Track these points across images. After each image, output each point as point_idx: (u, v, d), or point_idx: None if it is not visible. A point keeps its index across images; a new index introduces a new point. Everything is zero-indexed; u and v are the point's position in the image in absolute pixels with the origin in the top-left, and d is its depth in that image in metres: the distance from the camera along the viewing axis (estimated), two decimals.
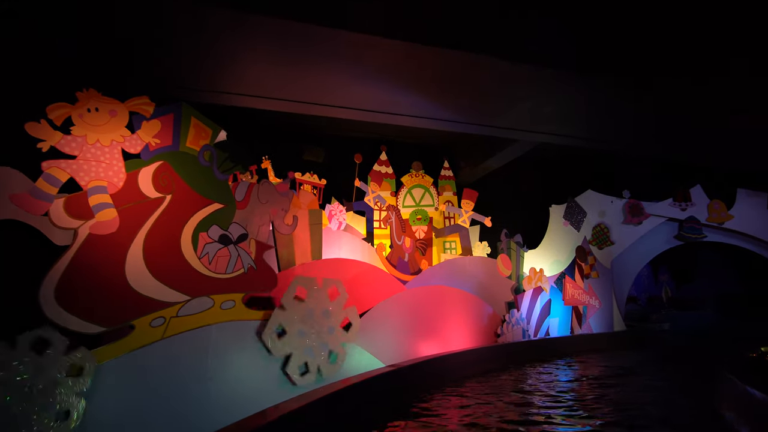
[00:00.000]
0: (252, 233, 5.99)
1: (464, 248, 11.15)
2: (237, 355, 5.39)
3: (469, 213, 11.62)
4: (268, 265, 6.00)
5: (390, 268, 8.83)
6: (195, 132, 5.80)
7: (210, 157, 5.84)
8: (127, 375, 4.66)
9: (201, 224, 5.54)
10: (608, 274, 13.12)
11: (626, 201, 13.58)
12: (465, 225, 11.44)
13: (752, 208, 13.90)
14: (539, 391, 6.89)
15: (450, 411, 5.80)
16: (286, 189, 6.57)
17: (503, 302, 10.76)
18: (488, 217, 11.57)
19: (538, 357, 9.96)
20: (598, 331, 12.21)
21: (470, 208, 11.64)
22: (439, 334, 8.61)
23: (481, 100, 8.30)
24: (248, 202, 6.11)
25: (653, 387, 7.17)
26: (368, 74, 7.44)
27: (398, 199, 12.74)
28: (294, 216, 6.69)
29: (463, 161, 13.15)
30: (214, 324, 5.30)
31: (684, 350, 12.11)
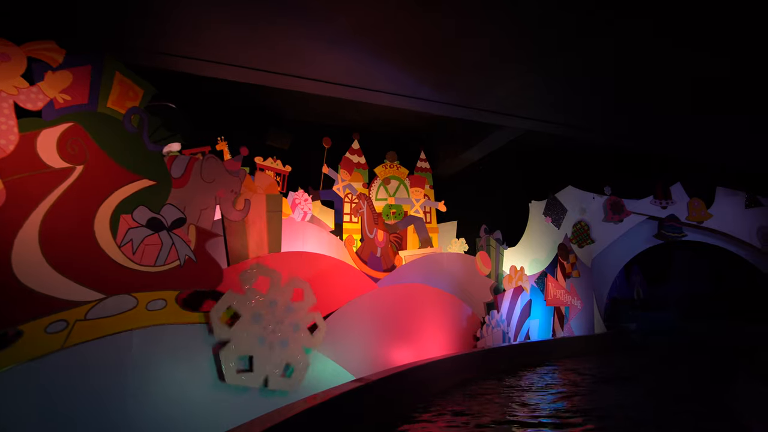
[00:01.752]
0: (192, 218, 4.92)
1: (422, 240, 10.28)
2: (166, 368, 4.32)
3: (420, 201, 10.77)
4: (211, 257, 4.95)
5: (360, 264, 7.89)
6: (120, 90, 4.68)
7: (139, 123, 4.74)
8: (11, 396, 3.54)
9: (123, 204, 4.44)
10: (589, 274, 12.58)
11: (607, 198, 13.08)
12: (418, 215, 10.57)
13: (731, 207, 13.68)
14: (531, 406, 6.09)
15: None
16: (238, 167, 5.53)
17: (482, 303, 9.97)
18: (441, 202, 10.74)
19: (521, 363, 9.20)
20: (579, 333, 11.61)
21: (420, 195, 10.80)
22: (415, 338, 7.72)
23: (464, 78, 7.47)
24: (188, 180, 5.03)
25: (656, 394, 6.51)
26: (341, 39, 6.46)
27: (371, 192, 11.80)
28: (246, 200, 5.66)
29: (441, 152, 12.36)
30: (137, 329, 4.21)
31: (664, 349, 11.70)
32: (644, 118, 10.01)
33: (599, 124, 9.96)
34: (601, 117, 9.70)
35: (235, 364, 4.51)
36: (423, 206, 11.15)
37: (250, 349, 4.63)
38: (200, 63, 6.81)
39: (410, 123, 12.22)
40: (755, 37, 7.28)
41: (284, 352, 4.90)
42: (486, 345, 9.03)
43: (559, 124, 9.60)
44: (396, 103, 8.20)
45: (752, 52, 7.72)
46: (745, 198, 13.67)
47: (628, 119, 9.92)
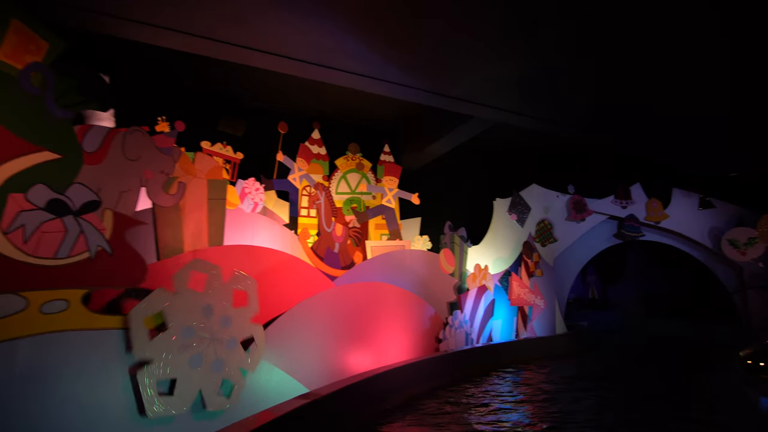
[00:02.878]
0: (109, 201, 4.09)
1: (392, 231, 9.73)
2: (66, 388, 3.49)
3: (393, 191, 10.23)
4: (133, 250, 4.12)
5: (315, 260, 7.20)
6: (17, 42, 3.79)
7: (43, 83, 3.86)
8: None
9: (13, 181, 3.57)
10: (552, 272, 12.43)
11: (570, 197, 13.00)
12: (390, 205, 10.03)
13: (686, 208, 13.95)
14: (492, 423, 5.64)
15: None
16: (171, 144, 4.72)
17: (446, 302, 9.52)
18: (415, 194, 10.25)
19: (484, 368, 8.79)
20: (541, 333, 11.40)
21: (394, 185, 10.26)
22: (374, 342, 7.12)
23: (434, 62, 6.93)
24: (106, 156, 4.19)
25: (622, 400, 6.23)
26: (301, 5, 5.71)
27: (331, 185, 11.10)
28: (181, 183, 4.85)
29: (406, 145, 11.83)
30: (25, 337, 3.36)
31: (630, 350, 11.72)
32: (611, 112, 9.88)
33: (567, 117, 9.74)
34: (570, 110, 9.47)
35: (156, 388, 3.75)
36: (396, 196, 10.56)
37: (175, 371, 3.88)
38: (128, 24, 5.87)
39: (374, 114, 11.62)
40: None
41: (218, 375, 4.19)
42: (449, 347, 8.56)
43: (528, 116, 9.28)
44: (360, 85, 7.54)
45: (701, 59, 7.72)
46: (698, 199, 13.98)
47: (596, 113, 9.75)
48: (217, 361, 4.18)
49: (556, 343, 11.15)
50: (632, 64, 8.11)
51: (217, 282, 4.33)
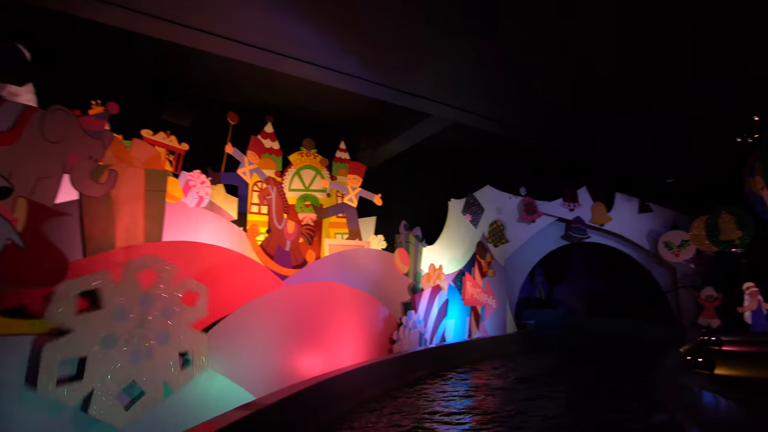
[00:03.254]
0: (22, 188, 3.58)
1: (352, 231, 9.52)
2: None
3: (356, 190, 10.02)
4: (51, 244, 3.64)
5: (265, 258, 6.82)
6: None
7: None
8: None
9: None
10: (503, 273, 12.65)
11: (522, 199, 13.31)
12: (352, 204, 9.82)
13: (627, 212, 14.68)
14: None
15: None
16: (101, 127, 4.23)
17: (400, 302, 9.40)
18: (378, 195, 10.10)
19: (437, 368, 8.72)
20: (492, 332, 11.55)
21: (357, 184, 10.05)
22: (326, 344, 6.84)
23: (391, 55, 6.75)
24: (20, 136, 3.67)
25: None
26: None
27: (284, 181, 10.68)
28: (112, 171, 4.37)
29: (362, 142, 11.62)
30: None
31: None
32: (561, 117, 10.16)
33: (521, 119, 9.90)
34: (523, 112, 9.63)
35: (59, 368, 3.38)
36: (358, 195, 10.29)
37: (90, 349, 3.50)
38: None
39: (330, 109, 11.31)
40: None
41: (136, 368, 3.81)
42: (402, 348, 8.43)
43: (484, 116, 9.33)
44: (315, 76, 7.22)
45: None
46: (638, 204, 14.77)
47: (547, 117, 9.99)
48: (135, 353, 3.80)
49: (507, 342, 11.34)
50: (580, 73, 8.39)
51: (167, 279, 4.01)
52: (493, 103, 8.94)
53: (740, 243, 11.17)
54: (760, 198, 9.16)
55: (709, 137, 11.00)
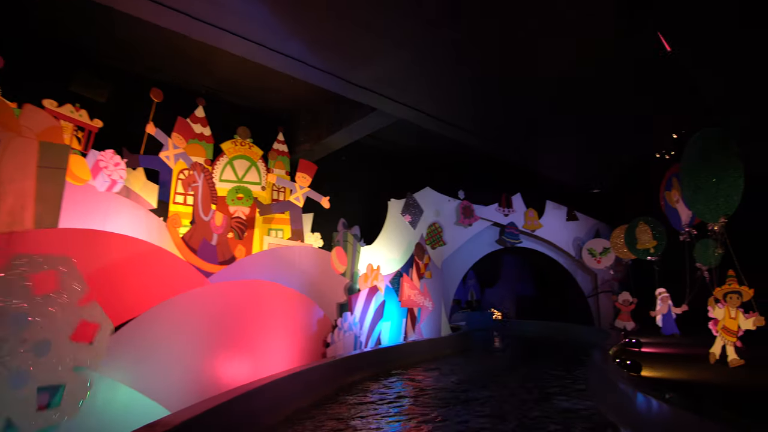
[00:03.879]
0: None
1: (295, 232, 8.99)
2: None
3: (304, 189, 9.52)
4: None
5: (186, 252, 6.11)
6: None
7: None
8: None
9: None
10: (440, 275, 12.66)
11: (460, 202, 13.44)
12: (298, 203, 9.30)
13: (556, 219, 15.38)
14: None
15: None
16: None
17: (336, 303, 8.99)
18: (326, 197, 9.68)
19: (371, 373, 8.40)
20: (428, 335, 11.47)
21: (306, 183, 9.55)
22: (254, 348, 6.27)
23: (342, 42, 6.33)
24: None
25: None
26: None
27: (214, 170, 9.86)
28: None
29: (301, 135, 11.06)
30: None
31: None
32: (502, 121, 10.33)
33: (463, 121, 9.90)
34: (466, 114, 9.64)
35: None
36: (305, 195, 9.71)
37: None
38: None
39: (270, 97, 10.66)
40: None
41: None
42: (337, 352, 8.03)
43: (428, 115, 9.20)
44: (257, 56, 6.59)
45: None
46: (566, 212, 15.53)
47: (488, 120, 10.10)
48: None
49: (442, 344, 11.32)
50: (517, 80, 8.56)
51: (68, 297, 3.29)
52: (437, 103, 8.84)
53: (654, 252, 12.01)
54: (675, 210, 9.87)
55: (632, 153, 11.74)
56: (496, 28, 6.49)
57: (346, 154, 12.61)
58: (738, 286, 6.16)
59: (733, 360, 6.14)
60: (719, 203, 6.24)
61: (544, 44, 7.08)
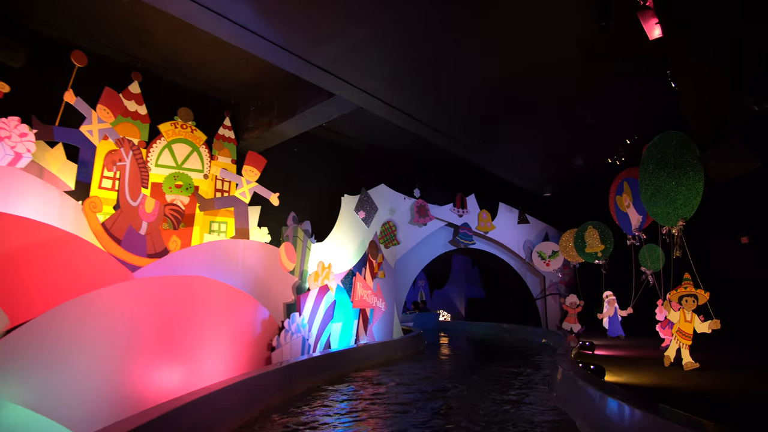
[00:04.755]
0: None
1: (240, 230, 8.23)
2: None
3: (251, 184, 8.78)
4: None
5: (107, 241, 5.23)
6: None
7: None
8: None
9: None
10: (393, 275, 12.25)
11: (415, 201, 13.12)
12: (244, 199, 8.56)
13: (508, 222, 15.49)
14: None
15: None
16: None
17: (283, 303, 8.30)
18: (276, 194, 9.00)
19: (325, 378, 7.77)
20: (380, 337, 10.99)
21: (254, 178, 8.83)
22: (188, 354, 5.49)
23: (293, 10, 5.66)
24: None
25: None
26: None
27: (150, 153, 8.83)
28: None
29: (250, 121, 10.21)
30: None
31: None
32: (460, 118, 10.07)
33: (422, 114, 9.52)
34: (429, 107, 9.27)
35: None
36: (252, 191, 8.89)
37: None
38: None
39: (217, 76, 9.72)
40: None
41: None
42: (283, 357, 7.35)
43: (390, 105, 8.72)
44: (197, 19, 5.75)
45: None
46: (518, 214, 15.69)
47: (445, 116, 9.80)
48: None
49: (396, 348, 10.84)
50: (476, 78, 8.36)
51: None
52: (396, 92, 8.36)
53: (602, 255, 12.31)
54: (625, 215, 10.08)
55: (584, 157, 11.93)
56: (455, 14, 6.13)
57: (299, 145, 11.88)
58: (694, 290, 6.19)
59: (688, 363, 6.16)
60: (677, 206, 6.26)
61: (505, 36, 6.84)
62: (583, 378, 4.66)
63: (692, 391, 5.07)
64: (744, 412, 4.33)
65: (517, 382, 7.64)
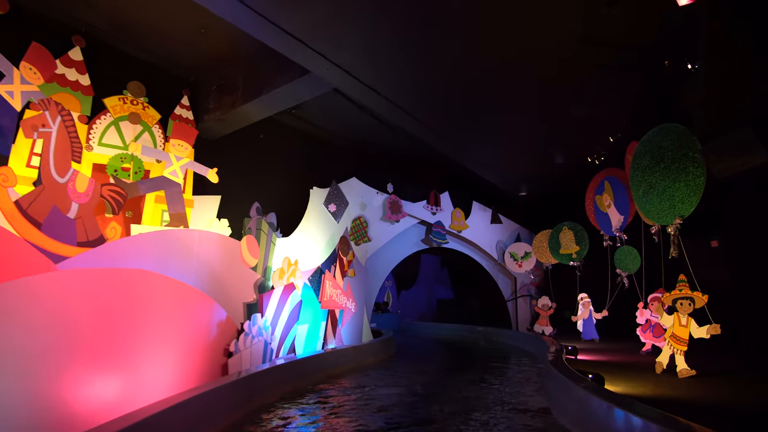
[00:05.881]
0: None
1: (174, 215, 7.25)
2: None
3: (183, 160, 7.81)
4: None
5: (23, 224, 4.24)
6: None
7: None
8: None
9: None
10: (364, 274, 11.53)
11: (388, 196, 12.47)
12: (176, 179, 7.57)
13: (481, 221, 15.10)
14: None
15: None
16: None
17: (243, 303, 7.42)
18: (213, 169, 8.08)
19: (291, 389, 6.88)
20: (348, 341, 10.23)
21: (185, 153, 7.86)
22: (127, 362, 4.56)
23: None
24: None
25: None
26: None
27: (92, 130, 7.71)
28: None
29: (212, 101, 9.22)
30: None
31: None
32: (443, 105, 9.47)
33: (403, 99, 8.85)
34: (406, 89, 8.60)
35: None
36: (184, 168, 7.89)
37: None
38: None
39: (175, 50, 8.65)
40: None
41: None
42: (242, 364, 6.48)
43: (366, 85, 7.95)
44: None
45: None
46: (491, 214, 15.34)
47: (428, 101, 9.18)
48: None
49: (367, 352, 10.04)
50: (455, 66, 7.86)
51: None
52: (372, 69, 7.64)
53: (577, 257, 12.07)
54: (605, 215, 9.81)
55: (563, 155, 11.64)
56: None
57: (266, 132, 10.94)
58: (690, 292, 5.84)
59: (683, 370, 5.79)
60: (675, 203, 5.88)
61: (487, 19, 6.31)
62: (607, 399, 4.06)
63: (703, 403, 4.66)
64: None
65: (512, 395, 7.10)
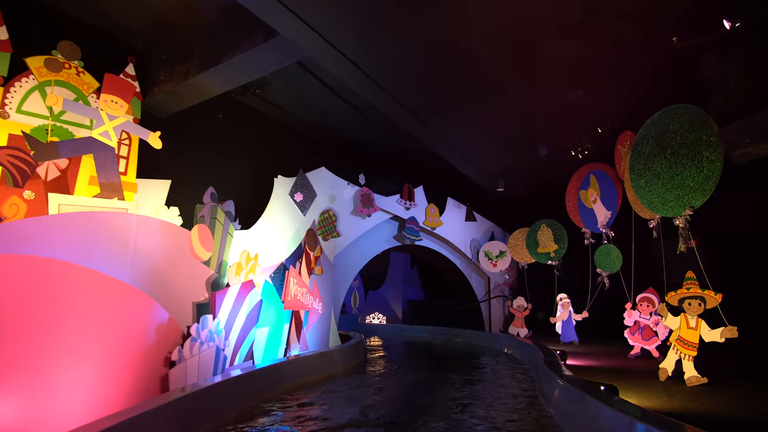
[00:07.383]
0: None
1: (105, 184, 6.02)
2: None
3: (116, 120, 6.59)
4: None
5: None
6: None
7: None
8: None
9: None
10: (332, 272, 10.56)
11: (360, 189, 11.57)
12: (109, 142, 6.36)
13: (456, 218, 14.46)
14: None
15: None
16: None
17: (192, 303, 6.32)
18: (156, 132, 6.84)
19: (247, 407, 5.78)
20: (314, 345, 9.21)
21: (120, 111, 6.66)
22: (36, 376, 3.45)
23: None
24: None
25: None
26: None
27: (9, 94, 6.38)
28: None
29: (162, 70, 8.01)
30: None
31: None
32: (421, 84, 8.69)
33: (379, 74, 7.99)
34: (386, 66, 7.76)
35: None
36: (119, 130, 6.63)
37: None
38: None
39: (120, 8, 7.45)
40: None
41: None
42: (186, 377, 5.39)
43: (341, 53, 6.97)
44: None
45: None
46: (465, 211, 14.73)
47: (407, 81, 8.39)
48: None
49: (335, 359, 9.00)
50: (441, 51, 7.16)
51: None
52: (351, 38, 6.75)
53: (555, 256, 11.60)
54: (590, 210, 9.32)
55: (546, 146, 11.14)
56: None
57: (227, 112, 9.83)
58: (700, 291, 5.28)
59: (692, 378, 5.23)
60: (685, 192, 5.31)
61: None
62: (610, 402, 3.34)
63: (733, 418, 4.06)
64: None
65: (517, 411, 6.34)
